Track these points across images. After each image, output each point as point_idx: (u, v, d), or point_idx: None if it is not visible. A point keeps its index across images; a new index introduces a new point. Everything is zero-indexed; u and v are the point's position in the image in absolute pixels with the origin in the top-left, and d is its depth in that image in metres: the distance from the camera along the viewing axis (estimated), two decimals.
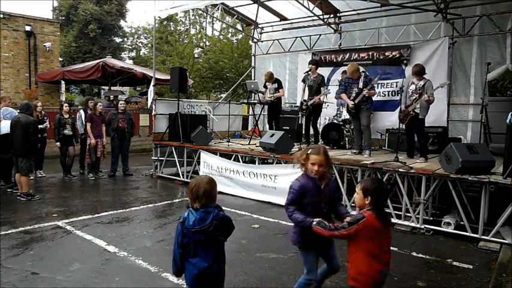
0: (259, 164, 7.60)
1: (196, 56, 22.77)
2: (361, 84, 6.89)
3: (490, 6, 8.00)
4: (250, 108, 10.43)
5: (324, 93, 7.47)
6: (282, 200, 6.83)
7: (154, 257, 4.40)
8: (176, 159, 8.96)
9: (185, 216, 2.49)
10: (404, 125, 6.87)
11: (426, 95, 6.31)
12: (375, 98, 7.60)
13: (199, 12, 20.20)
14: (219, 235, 2.49)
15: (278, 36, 11.55)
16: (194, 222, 2.43)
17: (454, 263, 4.46)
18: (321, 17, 9.98)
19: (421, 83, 6.47)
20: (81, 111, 9.31)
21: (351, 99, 6.98)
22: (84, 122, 9.01)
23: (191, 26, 26.62)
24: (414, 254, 4.73)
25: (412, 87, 6.59)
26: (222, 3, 10.52)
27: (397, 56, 8.90)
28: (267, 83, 8.82)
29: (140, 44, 30.45)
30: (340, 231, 2.61)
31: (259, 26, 11.81)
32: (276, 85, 8.66)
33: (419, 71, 6.53)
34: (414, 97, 6.48)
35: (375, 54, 9.31)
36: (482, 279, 4.06)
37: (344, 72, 9.42)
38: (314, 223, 2.76)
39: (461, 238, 5.24)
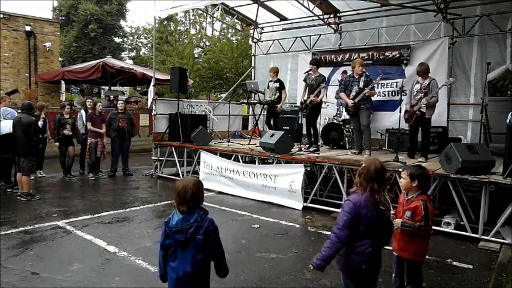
0: (259, 164, 7.60)
1: (196, 56, 22.77)
2: (361, 84, 6.87)
3: (490, 6, 8.00)
4: (250, 108, 10.43)
5: (320, 88, 7.40)
6: (281, 200, 6.93)
7: (154, 257, 4.36)
8: (176, 159, 8.96)
9: (170, 216, 2.44)
10: (408, 125, 6.85)
11: (426, 98, 6.27)
12: (374, 98, 7.60)
13: (199, 12, 20.20)
14: (200, 238, 2.34)
15: (278, 36, 11.55)
16: (177, 222, 2.36)
17: (454, 263, 4.46)
18: (321, 17, 9.98)
19: (426, 82, 6.41)
20: (82, 111, 9.33)
21: (351, 98, 6.97)
22: (84, 122, 9.02)
23: (191, 26, 26.62)
24: None
25: (417, 86, 6.53)
26: (222, 3, 10.51)
27: (397, 56, 8.90)
28: (269, 82, 8.78)
29: (140, 44, 30.45)
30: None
31: (259, 26, 11.81)
32: (277, 84, 8.62)
33: (424, 71, 6.45)
34: (419, 96, 6.43)
35: (375, 54, 9.31)
36: (482, 279, 4.07)
37: (344, 72, 9.45)
38: None
39: (461, 238, 5.24)
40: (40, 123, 8.15)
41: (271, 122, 8.91)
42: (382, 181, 2.64)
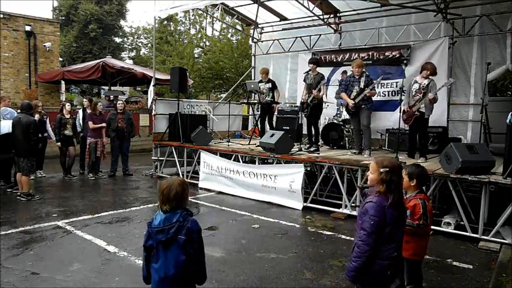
0: (259, 164, 7.60)
1: (196, 56, 22.75)
2: (362, 84, 6.87)
3: (490, 6, 8.00)
4: (250, 108, 10.43)
5: (320, 85, 7.40)
6: (281, 200, 6.93)
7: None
8: (176, 159, 8.96)
9: (154, 217, 2.42)
10: (407, 125, 6.83)
11: (431, 93, 6.23)
12: (374, 98, 7.58)
13: (199, 12, 20.19)
14: (182, 238, 2.31)
15: (278, 36, 11.54)
16: (159, 222, 2.35)
17: (454, 263, 4.46)
18: (321, 17, 9.97)
19: (425, 82, 6.37)
20: (80, 111, 9.35)
21: (352, 98, 6.97)
22: (81, 121, 9.03)
23: (191, 26, 26.61)
24: None
25: (416, 86, 6.49)
26: (222, 3, 10.51)
27: (397, 56, 8.90)
28: (260, 84, 8.78)
29: (140, 44, 30.46)
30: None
31: (259, 26, 11.80)
32: (269, 85, 8.62)
33: (434, 70, 6.36)
34: (418, 97, 6.40)
35: (375, 54, 9.31)
36: (482, 279, 4.07)
37: (344, 72, 9.45)
38: None
39: (461, 238, 5.24)
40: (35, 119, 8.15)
41: (268, 122, 8.90)
42: (402, 178, 2.57)
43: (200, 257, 2.41)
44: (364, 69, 7.06)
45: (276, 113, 9.51)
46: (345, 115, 8.50)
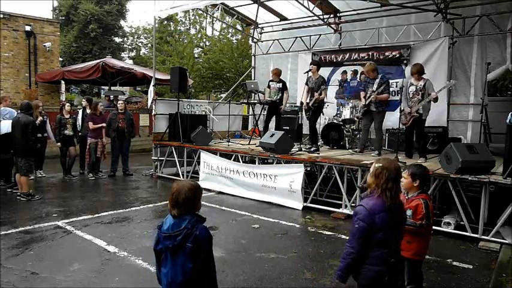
0: (259, 164, 7.60)
1: (196, 56, 22.76)
2: (375, 86, 6.93)
3: (490, 6, 8.00)
4: (250, 108, 10.43)
5: (321, 90, 7.44)
6: (281, 200, 6.93)
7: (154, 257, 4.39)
8: (176, 159, 8.96)
9: (164, 220, 2.37)
10: (405, 126, 6.84)
11: (434, 93, 6.26)
12: None
13: (199, 12, 20.20)
14: (189, 246, 2.24)
15: (278, 36, 11.54)
16: (168, 227, 2.29)
17: (454, 263, 4.46)
18: (321, 17, 9.97)
19: (421, 83, 6.42)
20: (80, 112, 9.36)
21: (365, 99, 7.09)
22: (80, 121, 9.04)
23: (191, 26, 26.63)
24: None
25: (412, 88, 6.53)
26: (222, 3, 10.51)
27: (397, 56, 8.91)
28: (270, 82, 8.77)
29: (140, 44, 30.46)
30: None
31: (259, 26, 11.81)
32: (280, 85, 8.61)
33: (419, 71, 6.50)
34: (416, 98, 6.42)
35: (375, 54, 9.31)
36: (482, 279, 4.07)
37: (344, 72, 9.47)
38: None
39: (461, 238, 5.24)
40: (37, 122, 8.16)
41: (274, 123, 8.89)
42: (399, 182, 2.50)
43: (208, 266, 2.33)
44: (377, 72, 7.08)
45: None
46: (345, 115, 8.51)
